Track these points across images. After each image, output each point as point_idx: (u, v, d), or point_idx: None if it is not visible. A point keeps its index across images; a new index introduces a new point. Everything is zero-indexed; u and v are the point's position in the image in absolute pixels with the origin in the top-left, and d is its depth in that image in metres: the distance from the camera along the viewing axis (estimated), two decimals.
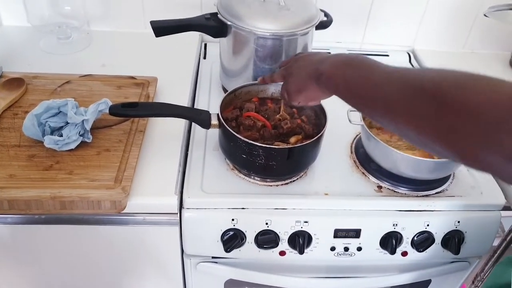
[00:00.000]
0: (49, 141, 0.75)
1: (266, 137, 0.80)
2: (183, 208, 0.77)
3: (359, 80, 0.51)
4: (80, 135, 0.77)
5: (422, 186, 0.83)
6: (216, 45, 1.04)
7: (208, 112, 0.79)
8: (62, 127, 0.77)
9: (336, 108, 0.88)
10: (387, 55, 1.25)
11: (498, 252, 0.90)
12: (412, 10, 1.21)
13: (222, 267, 0.84)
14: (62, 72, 0.96)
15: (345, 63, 0.56)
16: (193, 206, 0.77)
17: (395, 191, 0.82)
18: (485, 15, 0.77)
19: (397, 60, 1.25)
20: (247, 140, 0.73)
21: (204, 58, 1.17)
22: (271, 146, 0.75)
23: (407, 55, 1.27)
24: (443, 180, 0.85)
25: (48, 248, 0.82)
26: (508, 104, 0.34)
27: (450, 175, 0.87)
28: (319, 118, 0.84)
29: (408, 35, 1.26)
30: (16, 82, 0.90)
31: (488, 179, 0.86)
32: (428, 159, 0.78)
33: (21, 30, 1.15)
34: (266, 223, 0.77)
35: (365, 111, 0.53)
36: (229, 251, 0.78)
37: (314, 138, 0.76)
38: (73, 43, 1.13)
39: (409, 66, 1.24)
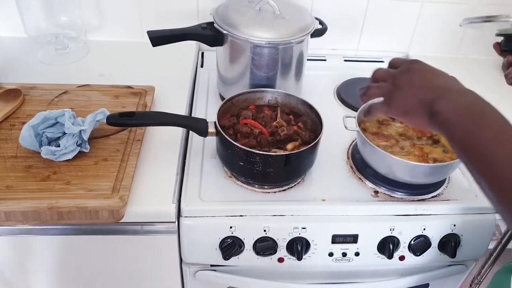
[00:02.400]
0: (46, 151, 0.75)
1: (263, 144, 0.80)
2: (181, 216, 0.77)
3: (476, 137, 0.47)
4: (78, 145, 0.77)
5: (418, 190, 0.84)
6: (213, 54, 1.05)
7: (205, 120, 0.80)
8: (59, 137, 0.77)
9: (332, 115, 0.90)
10: (382, 61, 1.27)
11: (495, 254, 0.91)
12: (406, 16, 1.22)
13: (221, 275, 0.84)
14: (59, 83, 0.97)
15: (472, 113, 0.49)
16: (191, 214, 0.77)
17: (391, 196, 0.83)
18: (460, 25, 0.79)
19: None
20: (244, 147, 0.74)
21: (201, 66, 1.18)
22: (269, 153, 0.75)
23: None
24: (438, 184, 0.86)
25: (46, 259, 0.82)
26: None
27: (445, 179, 0.87)
28: (316, 124, 0.84)
29: (403, 41, 1.27)
30: (13, 93, 0.90)
31: None
32: (423, 164, 0.78)
33: (18, 41, 1.16)
34: (264, 230, 0.78)
35: (469, 168, 0.48)
36: (227, 259, 0.78)
37: (311, 145, 0.77)
38: (70, 54, 1.14)
39: None
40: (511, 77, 0.74)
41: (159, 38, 0.89)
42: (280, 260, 0.81)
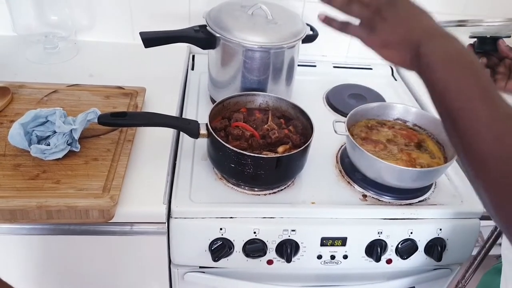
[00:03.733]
0: (35, 150, 0.74)
1: (254, 146, 0.81)
2: (171, 217, 0.77)
3: (458, 87, 0.46)
4: (68, 144, 0.76)
5: (406, 195, 0.85)
6: (203, 56, 1.05)
7: (197, 122, 0.80)
8: (49, 136, 0.77)
9: (321, 119, 0.91)
10: (371, 68, 1.29)
11: (478, 259, 0.93)
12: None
13: (210, 277, 0.84)
14: (49, 82, 0.96)
15: (453, 55, 0.49)
16: (181, 216, 0.77)
17: (379, 200, 0.84)
18: None
19: (380, 73, 1.28)
20: (235, 149, 0.74)
21: (192, 69, 1.18)
22: (260, 155, 0.76)
23: (390, 68, 1.30)
24: (425, 189, 0.87)
25: (35, 259, 0.81)
26: None
27: (432, 184, 0.89)
28: (306, 128, 0.85)
29: None
30: (1, 91, 0.89)
31: (468, 188, 0.89)
32: (410, 169, 0.80)
33: (7, 39, 1.14)
34: (254, 232, 0.78)
35: (443, 119, 0.48)
36: (217, 260, 0.78)
37: (301, 148, 0.78)
38: (60, 53, 1.13)
39: (391, 79, 1.28)
40: None
41: (152, 40, 0.89)
42: (270, 262, 0.81)
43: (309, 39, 1.00)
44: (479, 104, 0.44)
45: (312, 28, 1.03)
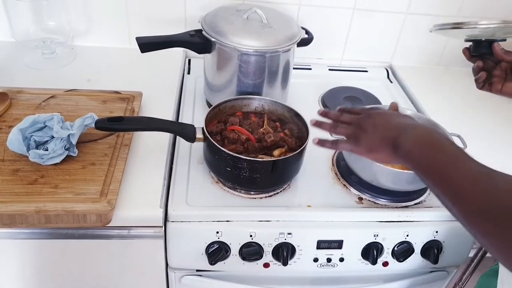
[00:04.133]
0: (34, 155, 0.75)
1: (250, 150, 0.81)
2: (168, 221, 0.77)
3: (436, 165, 0.53)
4: (66, 149, 0.77)
5: (401, 197, 0.86)
6: (199, 61, 1.06)
7: (193, 126, 0.81)
8: (47, 141, 0.77)
9: None
10: (366, 71, 1.30)
11: (475, 261, 0.93)
12: (389, 28, 1.26)
13: (207, 280, 0.84)
14: (46, 87, 0.96)
15: (429, 143, 0.57)
16: (178, 219, 0.77)
17: (375, 203, 0.85)
18: (430, 31, 0.83)
19: (376, 75, 1.29)
20: (231, 153, 0.75)
21: (188, 73, 1.19)
22: (255, 159, 0.76)
23: (385, 70, 1.31)
24: (421, 192, 0.88)
25: (33, 263, 0.81)
26: None
27: (427, 187, 0.90)
28: (302, 131, 0.86)
29: (386, 52, 1.31)
30: (0, 97, 0.90)
31: None
32: (406, 171, 0.81)
33: (5, 45, 1.15)
34: (251, 235, 0.79)
35: (432, 191, 0.54)
36: (213, 264, 0.78)
37: (297, 151, 0.78)
38: (57, 58, 1.14)
39: (387, 81, 1.28)
40: (481, 81, 0.79)
41: (148, 45, 0.90)
42: (266, 265, 0.82)
43: (304, 42, 1.01)
44: (454, 170, 0.51)
45: (307, 32, 1.04)
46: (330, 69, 1.29)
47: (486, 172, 0.49)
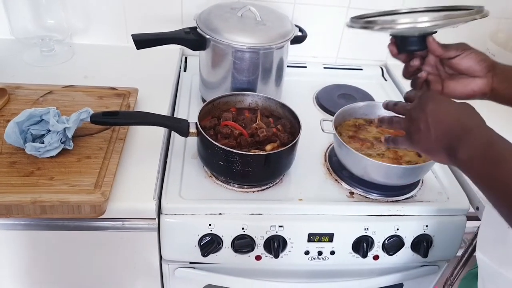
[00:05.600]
0: (30, 148, 0.77)
1: (243, 145, 0.83)
2: (162, 213, 0.79)
3: (506, 184, 0.50)
4: (62, 143, 0.79)
5: (392, 192, 0.87)
6: (196, 59, 1.07)
7: (187, 120, 0.82)
8: (43, 134, 0.79)
9: (311, 119, 0.93)
10: (361, 69, 1.31)
11: (466, 256, 0.94)
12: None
13: (200, 272, 0.86)
14: (44, 83, 0.98)
15: (489, 157, 0.53)
16: (171, 212, 0.79)
17: (366, 197, 0.86)
18: (347, 25, 0.74)
19: (371, 74, 1.31)
20: (224, 147, 0.77)
21: (185, 70, 1.21)
22: (248, 153, 0.78)
23: (380, 69, 1.32)
24: (412, 186, 0.89)
25: (28, 254, 0.83)
26: None
27: (419, 182, 0.91)
28: (294, 127, 0.88)
29: (381, 50, 1.30)
30: None
31: (454, 185, 0.91)
32: (397, 166, 0.82)
33: (3, 42, 1.17)
34: (242, 228, 0.80)
35: (494, 204, 0.52)
36: (206, 256, 0.80)
37: (289, 145, 0.80)
38: (55, 56, 1.16)
39: (381, 79, 1.30)
40: (421, 82, 0.73)
41: (143, 41, 0.92)
42: (258, 258, 0.83)
43: (298, 40, 1.02)
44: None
45: (301, 29, 1.05)
46: (325, 67, 1.30)
47: None
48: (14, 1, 1.05)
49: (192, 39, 0.95)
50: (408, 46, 0.69)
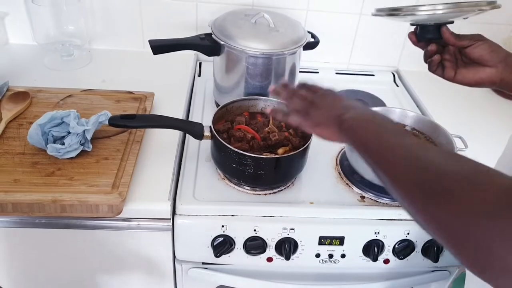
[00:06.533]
0: (51, 149, 0.80)
1: (255, 148, 0.85)
2: (176, 214, 0.81)
3: (375, 138, 0.54)
4: (81, 144, 0.82)
5: None
6: (210, 64, 1.10)
7: (201, 124, 0.84)
8: (64, 136, 0.82)
9: None
10: (373, 75, 1.32)
11: None
12: (396, 33, 1.28)
13: (213, 273, 0.87)
14: (64, 87, 1.02)
15: (368, 117, 0.59)
16: (185, 213, 0.81)
17: (377, 201, 0.87)
18: (372, 15, 0.79)
19: (382, 79, 1.32)
20: (237, 150, 0.78)
21: (199, 75, 1.23)
22: (260, 156, 0.80)
23: (392, 75, 1.33)
24: None
25: (46, 251, 0.86)
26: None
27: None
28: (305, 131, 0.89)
29: (393, 56, 1.33)
30: (22, 96, 0.95)
31: None
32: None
33: (26, 47, 1.22)
34: (255, 230, 0.82)
35: (372, 168, 0.54)
36: (218, 256, 0.82)
37: (300, 149, 0.82)
38: (75, 60, 1.19)
39: (393, 85, 1.31)
40: (435, 65, 0.77)
41: (159, 47, 0.95)
42: (269, 259, 0.85)
43: (310, 46, 1.04)
44: (391, 143, 0.52)
45: (313, 36, 1.07)
46: (337, 73, 1.32)
47: (422, 146, 0.50)
48: (37, 9, 1.09)
49: (207, 45, 0.97)
50: (425, 34, 0.76)
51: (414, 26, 0.78)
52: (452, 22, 0.74)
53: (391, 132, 0.55)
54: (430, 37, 0.75)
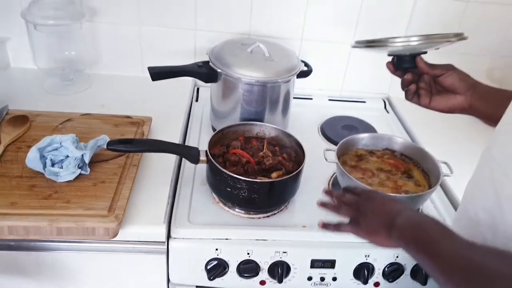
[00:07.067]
0: (49, 172, 0.81)
1: (250, 172, 0.87)
2: (171, 237, 0.82)
3: (427, 245, 0.56)
4: (79, 168, 0.84)
5: None
6: (208, 89, 1.13)
7: (197, 148, 0.87)
8: (62, 160, 0.84)
9: (315, 149, 0.97)
10: (364, 102, 1.36)
11: None
12: (386, 61, 1.32)
13: None
14: (64, 111, 1.04)
15: (417, 223, 0.60)
16: (180, 236, 0.82)
17: None
18: (352, 47, 0.85)
19: (373, 106, 1.35)
20: (231, 174, 0.81)
21: (196, 101, 1.27)
22: (254, 180, 0.82)
23: (383, 102, 1.37)
24: None
25: (41, 274, 0.86)
26: None
27: (418, 210, 0.94)
28: (299, 156, 0.92)
29: (384, 84, 1.37)
30: (21, 119, 0.97)
31: (452, 214, 0.94)
32: (397, 195, 0.85)
33: (26, 71, 1.24)
34: (248, 253, 0.83)
35: (427, 270, 0.57)
36: (212, 279, 0.83)
37: (293, 173, 0.84)
38: (74, 85, 1.22)
39: (384, 112, 1.34)
40: (411, 94, 0.81)
41: (158, 74, 0.98)
42: (262, 282, 0.86)
43: (303, 74, 1.08)
44: (439, 247, 0.54)
45: (306, 64, 1.11)
46: (330, 99, 1.35)
47: (468, 245, 0.52)
48: (39, 35, 1.12)
49: (205, 72, 1.01)
50: (402, 64, 0.81)
51: (392, 57, 0.83)
52: (425, 53, 0.80)
53: (439, 236, 0.56)
54: (406, 66, 0.80)
